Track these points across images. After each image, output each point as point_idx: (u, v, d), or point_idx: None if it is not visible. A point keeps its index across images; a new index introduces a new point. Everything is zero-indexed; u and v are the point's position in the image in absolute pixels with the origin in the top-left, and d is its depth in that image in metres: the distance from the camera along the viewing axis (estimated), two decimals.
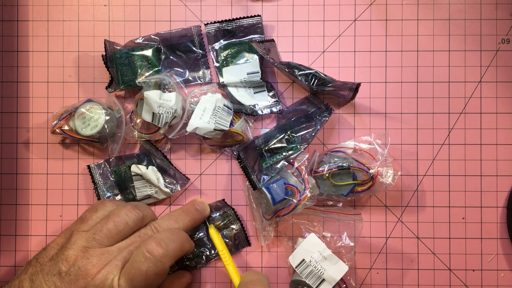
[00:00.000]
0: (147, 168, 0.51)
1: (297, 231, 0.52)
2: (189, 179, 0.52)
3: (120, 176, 0.51)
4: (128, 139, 0.52)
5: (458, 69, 0.52)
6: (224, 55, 0.52)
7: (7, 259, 0.53)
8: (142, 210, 0.43)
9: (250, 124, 0.52)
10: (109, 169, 0.52)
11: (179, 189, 0.52)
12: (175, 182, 0.52)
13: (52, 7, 0.53)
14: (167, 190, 0.51)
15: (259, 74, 0.51)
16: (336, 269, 0.47)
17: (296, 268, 0.48)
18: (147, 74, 0.51)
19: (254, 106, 0.51)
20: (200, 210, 0.49)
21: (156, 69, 0.51)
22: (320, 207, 0.52)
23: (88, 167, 0.52)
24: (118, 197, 0.52)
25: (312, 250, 0.48)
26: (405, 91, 0.52)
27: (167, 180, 0.52)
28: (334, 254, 0.48)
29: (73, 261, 0.39)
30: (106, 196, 0.52)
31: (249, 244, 0.52)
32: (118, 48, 0.52)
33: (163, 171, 0.52)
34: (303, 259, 0.48)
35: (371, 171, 0.48)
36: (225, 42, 0.52)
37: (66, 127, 0.50)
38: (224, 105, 0.50)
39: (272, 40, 0.50)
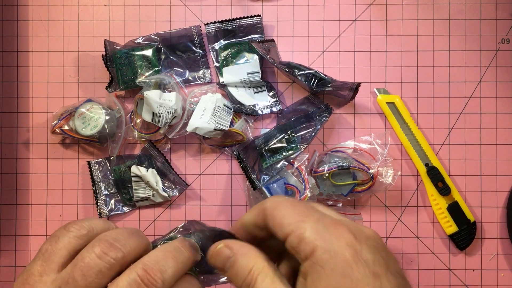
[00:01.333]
0: (147, 170, 0.51)
1: None
2: (188, 185, 0.52)
3: (119, 175, 0.52)
4: (128, 139, 0.52)
5: (458, 69, 0.52)
6: (224, 55, 0.52)
7: (7, 259, 0.53)
8: (122, 248, 0.27)
9: (250, 124, 0.52)
10: (109, 167, 0.52)
11: (177, 195, 0.52)
12: (173, 187, 0.52)
13: (52, 7, 0.53)
14: (165, 194, 0.51)
15: (259, 74, 0.51)
16: None
17: None
18: (147, 74, 0.51)
19: (254, 106, 0.51)
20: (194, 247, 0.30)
21: (156, 69, 0.51)
22: None
23: (88, 163, 0.52)
24: (115, 198, 0.52)
25: None
26: (405, 91, 0.52)
27: (165, 184, 0.52)
28: None
29: None
30: (103, 193, 0.52)
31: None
32: (118, 48, 0.52)
33: (163, 175, 0.52)
34: None
35: (371, 171, 0.48)
36: (225, 42, 0.52)
37: (66, 127, 0.50)
38: (224, 105, 0.50)
39: (272, 40, 0.50)
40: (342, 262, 0.24)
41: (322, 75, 0.48)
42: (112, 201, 0.52)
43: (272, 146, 0.49)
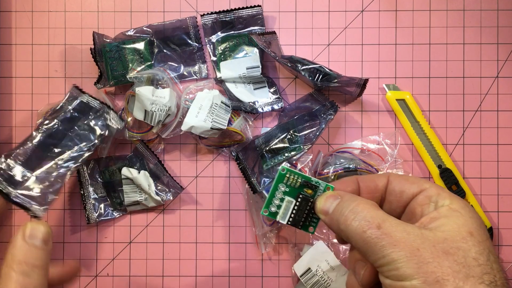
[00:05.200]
0: (139, 172, 0.50)
1: (302, 238, 0.51)
2: (183, 188, 0.52)
3: (109, 178, 0.51)
4: (118, 138, 0.51)
5: (473, 63, 0.51)
6: (222, 48, 0.51)
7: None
8: None
9: (250, 123, 0.51)
10: (98, 169, 0.51)
11: (171, 199, 0.51)
12: (167, 190, 0.51)
13: None
14: (158, 198, 0.50)
15: (259, 69, 0.50)
16: (344, 281, 0.45)
17: (301, 277, 0.47)
18: (139, 68, 0.50)
19: (254, 103, 0.50)
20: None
21: (149, 63, 0.51)
22: None
23: None
24: (104, 202, 0.51)
25: (319, 259, 0.47)
26: (417, 87, 0.52)
27: (159, 187, 0.51)
28: (343, 265, 0.46)
29: None
30: (92, 197, 0.51)
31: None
32: (108, 40, 0.51)
33: (155, 177, 0.51)
34: (309, 268, 0.47)
35: (379, 173, 0.47)
36: (223, 34, 0.51)
37: None
38: (221, 102, 0.49)
39: (274, 33, 0.49)
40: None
41: (327, 70, 0.47)
42: (102, 206, 0.51)
43: (273, 147, 0.48)
